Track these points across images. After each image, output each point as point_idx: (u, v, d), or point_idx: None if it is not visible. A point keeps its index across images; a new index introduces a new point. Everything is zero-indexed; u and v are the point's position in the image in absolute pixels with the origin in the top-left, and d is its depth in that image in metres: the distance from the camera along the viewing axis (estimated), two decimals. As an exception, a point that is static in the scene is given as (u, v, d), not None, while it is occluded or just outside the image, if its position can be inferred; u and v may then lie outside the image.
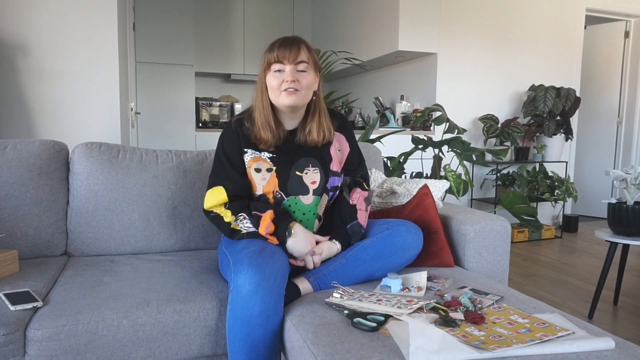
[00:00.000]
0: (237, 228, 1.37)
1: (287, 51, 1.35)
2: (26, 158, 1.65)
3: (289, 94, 1.36)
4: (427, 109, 3.54)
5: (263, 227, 1.35)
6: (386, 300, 1.19)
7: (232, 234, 1.38)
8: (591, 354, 0.95)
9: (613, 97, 4.82)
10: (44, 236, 1.65)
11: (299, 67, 1.37)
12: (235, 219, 1.37)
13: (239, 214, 1.37)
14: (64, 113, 2.63)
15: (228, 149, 1.42)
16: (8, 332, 1.11)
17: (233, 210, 1.38)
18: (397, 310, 1.10)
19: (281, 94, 1.37)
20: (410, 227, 1.42)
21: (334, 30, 5.08)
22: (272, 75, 1.37)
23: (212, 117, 5.00)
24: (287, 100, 1.36)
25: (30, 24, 2.53)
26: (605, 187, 4.89)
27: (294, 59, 1.35)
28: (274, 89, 1.37)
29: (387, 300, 1.18)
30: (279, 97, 1.37)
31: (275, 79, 1.37)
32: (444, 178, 3.07)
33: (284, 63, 1.35)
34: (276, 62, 1.36)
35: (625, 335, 2.13)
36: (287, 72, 1.35)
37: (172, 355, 1.26)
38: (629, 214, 2.20)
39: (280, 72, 1.37)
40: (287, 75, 1.35)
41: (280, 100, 1.38)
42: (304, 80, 1.37)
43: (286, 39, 1.38)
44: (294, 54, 1.35)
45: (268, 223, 1.34)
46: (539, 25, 4.31)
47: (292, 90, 1.35)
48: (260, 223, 1.35)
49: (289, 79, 1.35)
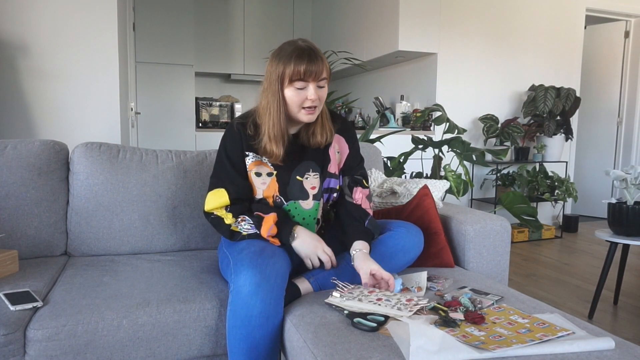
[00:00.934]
0: (237, 230, 1.37)
1: (313, 70, 1.29)
2: (26, 158, 1.65)
3: (309, 113, 1.33)
4: (427, 109, 3.54)
5: (265, 229, 1.34)
6: (386, 299, 1.18)
7: (232, 236, 1.38)
8: (591, 354, 0.95)
9: (613, 97, 4.82)
10: (44, 236, 1.65)
11: (320, 84, 1.33)
12: (235, 221, 1.37)
13: (239, 216, 1.37)
14: (64, 113, 2.63)
15: (230, 150, 1.40)
16: (8, 332, 1.11)
17: (234, 213, 1.37)
18: (397, 312, 1.10)
19: (300, 111, 1.33)
20: (411, 229, 1.42)
21: (334, 30, 5.08)
22: (293, 91, 1.31)
23: (212, 117, 5.00)
24: (306, 118, 1.34)
25: (30, 24, 2.53)
26: (605, 187, 4.89)
27: (318, 76, 1.30)
28: (294, 105, 1.33)
29: (387, 299, 1.18)
30: (298, 114, 1.34)
31: (297, 95, 1.31)
32: (444, 178, 3.07)
33: (308, 81, 1.30)
34: (300, 79, 1.29)
35: (625, 335, 2.13)
36: (310, 90, 1.31)
37: (172, 356, 1.26)
38: (629, 214, 2.20)
39: (302, 90, 1.31)
40: (311, 93, 1.30)
41: (299, 117, 1.35)
42: (323, 96, 1.35)
43: (310, 56, 1.30)
44: (319, 71, 1.30)
45: (271, 225, 1.34)
46: (539, 25, 4.31)
47: (312, 110, 1.33)
48: (263, 224, 1.35)
49: (314, 97, 1.31)
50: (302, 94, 1.31)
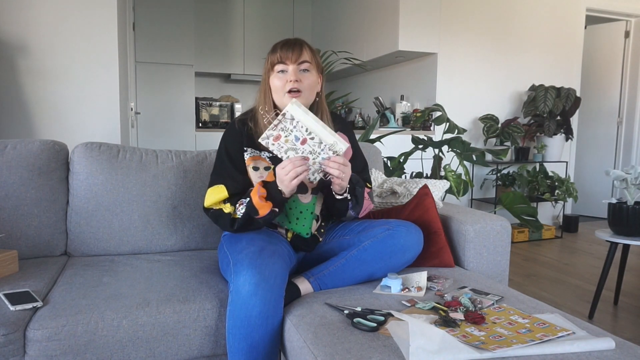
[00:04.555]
0: (237, 217, 1.36)
1: (290, 51, 1.37)
2: (26, 158, 1.65)
3: (292, 96, 1.37)
4: (427, 109, 3.54)
5: (254, 192, 1.32)
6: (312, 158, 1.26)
7: (232, 224, 1.38)
8: (591, 354, 0.95)
9: (613, 97, 4.82)
10: (44, 236, 1.65)
11: (302, 67, 1.39)
12: (234, 209, 1.37)
13: (237, 203, 1.37)
14: (64, 113, 2.63)
15: (231, 147, 1.43)
16: (8, 332, 1.11)
17: (232, 204, 1.38)
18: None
19: (285, 96, 1.38)
20: (410, 228, 1.42)
21: (334, 30, 5.08)
22: (275, 76, 1.40)
23: (212, 117, 5.01)
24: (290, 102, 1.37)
25: (30, 24, 2.53)
26: (606, 187, 4.89)
27: (296, 58, 1.37)
28: (278, 90, 1.39)
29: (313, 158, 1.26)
30: (282, 99, 1.39)
31: (278, 79, 1.39)
32: (444, 178, 3.07)
33: (287, 63, 1.38)
34: (279, 62, 1.38)
35: (625, 335, 2.13)
36: (290, 72, 1.38)
37: (172, 356, 1.26)
38: (629, 214, 2.19)
39: (283, 73, 1.39)
40: (290, 75, 1.37)
41: (284, 102, 1.39)
42: (307, 81, 1.39)
43: (288, 40, 1.40)
44: (296, 54, 1.37)
45: (258, 188, 1.32)
46: (539, 25, 4.31)
47: (295, 92, 1.37)
48: (252, 190, 1.33)
49: (292, 79, 1.37)
50: (283, 77, 1.39)
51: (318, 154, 1.27)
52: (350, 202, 1.41)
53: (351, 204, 1.41)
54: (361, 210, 1.46)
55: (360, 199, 1.42)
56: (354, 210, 1.43)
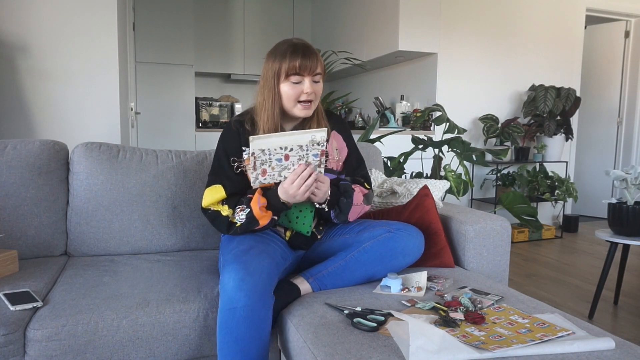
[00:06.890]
0: (234, 221, 1.37)
1: (308, 62, 1.34)
2: (26, 158, 1.65)
3: (305, 107, 1.38)
4: (427, 109, 3.54)
5: (255, 202, 1.33)
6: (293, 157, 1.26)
7: (229, 227, 1.38)
8: (591, 354, 0.95)
9: (613, 97, 4.82)
10: (44, 236, 1.65)
11: (315, 79, 1.38)
12: (233, 212, 1.37)
13: (236, 207, 1.37)
14: (64, 113, 2.63)
15: (228, 148, 1.43)
16: (8, 332, 1.11)
17: (230, 205, 1.38)
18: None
19: (296, 105, 1.38)
20: (411, 231, 1.41)
21: (334, 30, 5.08)
22: (289, 85, 1.36)
23: (212, 117, 5.01)
24: (302, 112, 1.39)
25: (30, 24, 2.53)
26: (606, 187, 4.89)
27: (313, 70, 1.36)
28: (290, 99, 1.37)
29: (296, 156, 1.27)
30: (293, 108, 1.39)
31: (292, 89, 1.36)
32: (444, 178, 3.07)
33: (304, 75, 1.35)
34: (296, 74, 1.34)
35: (625, 335, 2.13)
36: (306, 84, 1.36)
37: (171, 355, 1.26)
38: (629, 214, 2.19)
39: (298, 84, 1.36)
40: (306, 87, 1.36)
41: (294, 112, 1.39)
42: (319, 91, 1.40)
43: (304, 50, 1.35)
44: (313, 66, 1.35)
45: (258, 197, 1.33)
46: (539, 25, 4.31)
47: (308, 105, 1.38)
48: (252, 200, 1.34)
49: (309, 91, 1.36)
50: (298, 88, 1.36)
51: (306, 155, 1.27)
52: (333, 212, 1.41)
53: (334, 213, 1.42)
54: (348, 217, 1.45)
55: (345, 208, 1.42)
56: (337, 219, 1.44)
